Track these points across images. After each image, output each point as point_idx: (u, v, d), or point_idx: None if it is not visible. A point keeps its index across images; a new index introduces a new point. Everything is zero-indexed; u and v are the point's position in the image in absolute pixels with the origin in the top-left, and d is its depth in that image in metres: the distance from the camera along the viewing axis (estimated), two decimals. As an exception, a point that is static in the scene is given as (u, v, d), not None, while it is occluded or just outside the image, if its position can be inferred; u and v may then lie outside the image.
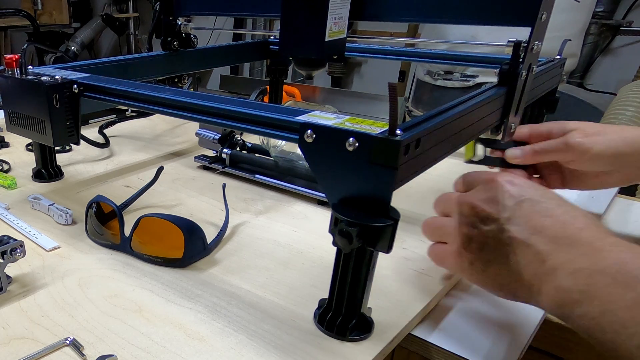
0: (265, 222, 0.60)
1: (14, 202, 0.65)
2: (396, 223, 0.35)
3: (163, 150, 0.86)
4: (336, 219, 0.36)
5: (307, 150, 0.38)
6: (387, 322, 0.42)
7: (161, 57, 0.77)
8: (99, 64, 0.71)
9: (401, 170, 0.34)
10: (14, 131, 0.66)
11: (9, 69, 0.61)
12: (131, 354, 0.39)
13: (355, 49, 0.86)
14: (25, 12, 2.98)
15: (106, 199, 0.54)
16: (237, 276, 0.49)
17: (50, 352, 0.39)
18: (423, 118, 0.39)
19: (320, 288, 0.47)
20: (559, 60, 0.70)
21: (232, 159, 0.74)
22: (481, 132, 0.50)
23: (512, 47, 0.51)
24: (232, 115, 0.45)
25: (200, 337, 0.41)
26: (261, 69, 3.25)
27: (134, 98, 0.53)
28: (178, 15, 0.77)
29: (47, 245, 0.54)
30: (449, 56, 0.78)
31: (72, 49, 3.41)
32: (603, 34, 2.12)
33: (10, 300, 0.45)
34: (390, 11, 0.58)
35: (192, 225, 0.50)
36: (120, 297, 0.46)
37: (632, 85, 1.53)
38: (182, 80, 0.83)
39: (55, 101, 0.58)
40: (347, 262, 0.38)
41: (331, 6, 0.55)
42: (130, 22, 3.62)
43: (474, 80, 1.76)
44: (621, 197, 0.72)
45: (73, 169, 0.77)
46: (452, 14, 0.54)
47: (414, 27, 2.48)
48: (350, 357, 0.39)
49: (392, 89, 0.33)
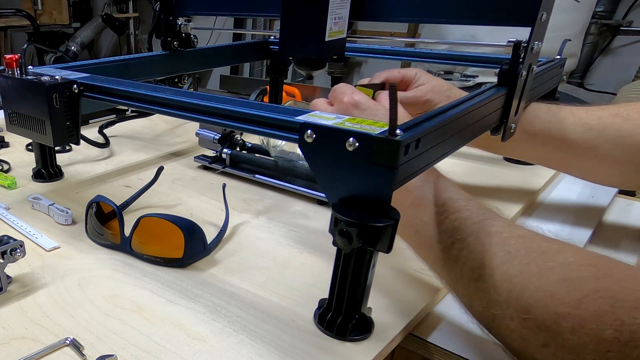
0: (265, 222, 0.60)
1: (14, 202, 0.65)
2: (396, 223, 0.35)
3: (163, 150, 0.86)
4: (336, 219, 0.36)
5: (307, 150, 0.38)
6: (387, 322, 0.42)
7: (161, 57, 0.77)
8: (99, 64, 0.71)
9: (401, 170, 0.34)
10: (14, 131, 0.66)
11: (9, 69, 0.61)
12: (131, 354, 0.39)
13: (355, 49, 0.86)
14: (25, 12, 2.98)
15: (106, 199, 0.54)
16: (237, 276, 0.49)
17: (50, 352, 0.39)
18: (423, 118, 0.39)
19: (320, 288, 0.47)
20: (559, 60, 0.70)
21: (232, 159, 0.74)
22: (481, 132, 0.50)
23: (512, 47, 0.51)
24: (232, 115, 0.45)
25: (200, 337, 0.41)
26: (261, 69, 3.25)
27: (134, 98, 0.53)
28: (178, 15, 0.77)
29: (47, 245, 0.54)
30: (449, 56, 0.78)
31: (72, 49, 3.41)
32: (603, 34, 2.12)
33: (10, 300, 0.45)
34: (390, 11, 0.58)
35: (192, 225, 0.50)
36: (120, 297, 0.46)
37: (632, 85, 1.53)
38: (182, 80, 0.83)
39: (55, 101, 0.58)
40: (347, 262, 0.38)
41: (331, 6, 0.55)
42: (130, 22, 3.62)
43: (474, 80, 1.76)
44: (621, 197, 0.72)
45: (73, 169, 0.77)
46: (452, 14, 0.54)
47: (414, 27, 2.48)
48: (350, 357, 0.39)
49: (392, 89, 0.33)
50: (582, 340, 0.31)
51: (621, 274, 0.33)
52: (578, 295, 0.32)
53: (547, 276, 0.34)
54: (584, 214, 0.65)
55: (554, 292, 0.33)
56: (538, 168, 0.77)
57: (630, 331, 0.29)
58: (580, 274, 0.33)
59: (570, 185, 0.74)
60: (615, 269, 0.33)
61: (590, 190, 0.72)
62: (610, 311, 0.30)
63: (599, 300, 0.31)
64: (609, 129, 0.56)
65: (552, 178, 0.75)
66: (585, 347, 0.31)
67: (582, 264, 0.34)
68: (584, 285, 0.32)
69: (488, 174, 0.75)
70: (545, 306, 0.33)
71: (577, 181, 0.75)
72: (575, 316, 0.31)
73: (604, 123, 0.57)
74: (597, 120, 0.57)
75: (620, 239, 0.62)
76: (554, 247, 0.36)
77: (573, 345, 0.31)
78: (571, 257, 0.35)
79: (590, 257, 0.35)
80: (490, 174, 0.75)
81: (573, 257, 0.35)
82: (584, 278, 0.33)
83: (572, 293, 0.32)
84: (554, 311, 0.32)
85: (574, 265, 0.34)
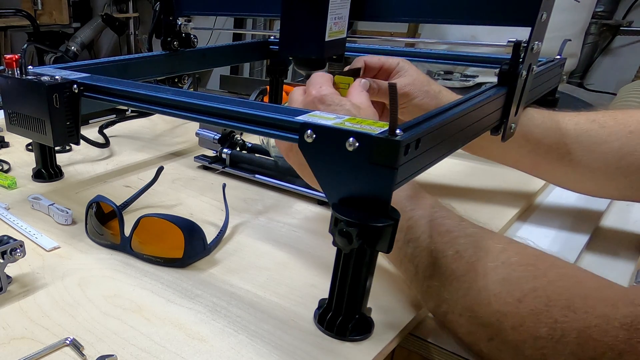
0: (265, 222, 0.60)
1: (14, 202, 0.65)
2: (396, 223, 0.35)
3: (163, 150, 0.86)
4: (336, 219, 0.36)
5: (307, 151, 0.38)
6: (387, 322, 0.42)
7: (161, 57, 0.77)
8: (99, 64, 0.71)
9: (401, 170, 0.34)
10: (14, 131, 0.66)
11: (9, 69, 0.61)
12: (131, 354, 0.39)
13: (355, 49, 0.86)
14: (25, 12, 2.98)
15: (106, 199, 0.54)
16: (237, 276, 0.49)
17: (50, 352, 0.39)
18: (423, 118, 0.39)
19: (320, 288, 0.47)
20: (559, 60, 0.70)
21: (232, 159, 0.74)
22: (481, 133, 0.50)
23: (512, 47, 0.51)
24: (232, 115, 0.45)
25: (200, 337, 0.41)
26: (261, 69, 3.25)
27: (134, 98, 0.53)
28: (178, 15, 0.77)
29: (47, 245, 0.54)
30: (449, 56, 0.78)
31: (72, 49, 3.41)
32: (603, 34, 2.12)
33: (10, 300, 0.45)
34: (390, 11, 0.58)
35: (192, 225, 0.50)
36: (120, 297, 0.46)
37: (632, 85, 1.53)
38: (182, 80, 0.83)
39: (55, 101, 0.58)
40: (347, 262, 0.38)
41: (331, 6, 0.55)
42: (130, 22, 3.62)
43: (474, 80, 1.76)
44: (621, 197, 0.72)
45: (73, 169, 0.77)
46: (452, 14, 0.54)
47: (414, 27, 2.48)
48: (350, 357, 0.39)
49: (392, 89, 0.33)
50: (522, 336, 0.34)
51: (556, 272, 0.35)
52: (517, 295, 0.34)
53: (491, 276, 0.36)
54: (584, 214, 0.65)
55: (496, 292, 0.35)
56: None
57: (562, 329, 0.32)
58: (520, 274, 0.35)
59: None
60: (552, 268, 0.36)
61: (590, 190, 0.72)
62: (545, 310, 0.33)
63: (535, 300, 0.34)
64: (585, 135, 0.56)
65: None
66: (524, 342, 0.34)
67: (522, 263, 0.36)
68: (523, 285, 0.35)
69: (488, 174, 0.75)
70: (489, 305, 0.35)
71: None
72: (515, 314, 0.34)
73: (580, 129, 0.56)
74: (573, 126, 0.57)
75: (620, 238, 0.62)
76: (498, 247, 0.38)
77: (514, 341, 0.34)
78: (513, 257, 0.37)
79: (530, 256, 0.37)
80: (490, 174, 0.75)
81: (515, 257, 0.37)
82: (523, 278, 0.35)
83: (513, 293, 0.35)
84: (496, 310, 0.35)
85: (515, 265, 0.36)
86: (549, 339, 0.32)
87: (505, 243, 0.39)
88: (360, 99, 0.48)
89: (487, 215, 0.62)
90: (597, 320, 0.31)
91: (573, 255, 0.56)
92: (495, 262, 0.37)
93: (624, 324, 0.30)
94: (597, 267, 0.56)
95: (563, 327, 0.32)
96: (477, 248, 0.38)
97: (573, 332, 0.32)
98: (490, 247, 0.38)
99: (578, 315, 0.32)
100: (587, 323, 0.31)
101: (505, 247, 0.38)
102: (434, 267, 0.40)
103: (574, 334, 0.31)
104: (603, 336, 0.30)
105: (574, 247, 0.58)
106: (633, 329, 0.30)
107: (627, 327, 0.30)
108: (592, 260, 0.57)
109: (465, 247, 0.39)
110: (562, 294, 0.33)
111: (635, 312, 0.30)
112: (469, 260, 0.38)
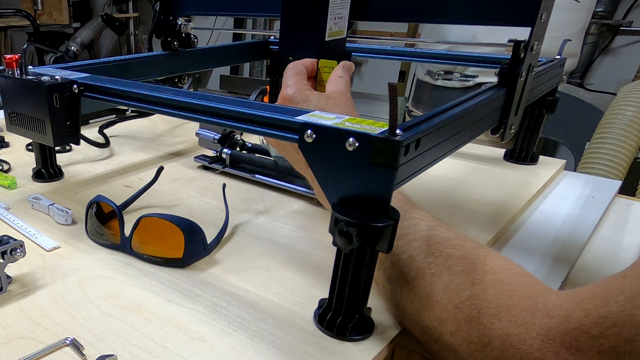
0: (265, 222, 0.60)
1: (14, 202, 0.65)
2: (396, 223, 0.35)
3: (163, 150, 0.86)
4: (336, 219, 0.36)
5: (307, 150, 0.38)
6: (387, 322, 0.42)
7: (161, 57, 0.77)
8: (99, 64, 0.71)
9: (401, 170, 0.34)
10: (14, 131, 0.66)
11: (9, 69, 0.61)
12: (131, 354, 0.39)
13: (355, 49, 0.86)
14: (25, 12, 2.98)
15: (106, 199, 0.54)
16: (237, 276, 0.49)
17: (50, 352, 0.39)
18: (423, 118, 0.39)
19: (320, 288, 0.47)
20: (559, 60, 0.70)
21: (232, 159, 0.74)
22: (481, 133, 0.50)
23: (512, 47, 0.51)
24: (232, 115, 0.45)
25: (200, 337, 0.41)
26: (261, 69, 3.25)
27: (134, 98, 0.53)
28: (178, 15, 0.77)
29: (47, 245, 0.54)
30: (449, 56, 0.78)
31: (72, 49, 3.41)
32: (603, 34, 2.12)
33: (10, 300, 0.45)
34: (390, 11, 0.58)
35: (192, 225, 0.50)
36: (120, 297, 0.46)
37: (632, 85, 1.53)
38: (182, 80, 0.83)
39: (55, 101, 0.58)
40: (347, 262, 0.38)
41: (331, 6, 0.55)
42: (130, 22, 3.62)
43: (474, 80, 1.76)
44: (621, 197, 0.72)
45: (73, 169, 0.77)
46: (452, 14, 0.54)
47: (414, 27, 2.48)
48: (350, 357, 0.39)
49: (392, 89, 0.33)
50: (458, 341, 0.36)
51: (491, 279, 0.37)
52: (456, 302, 0.36)
53: (435, 282, 0.38)
54: (584, 214, 0.65)
55: (438, 299, 0.37)
56: (538, 168, 0.77)
57: (489, 335, 0.34)
58: (460, 281, 0.37)
59: (571, 185, 0.74)
60: (488, 274, 0.37)
61: (590, 190, 0.72)
62: (477, 317, 0.35)
63: (470, 307, 0.36)
64: None
65: (552, 178, 0.75)
66: (460, 347, 0.36)
67: (464, 270, 0.38)
68: (461, 292, 0.37)
69: (488, 174, 0.75)
70: (432, 310, 0.38)
71: (577, 181, 0.75)
72: (453, 321, 0.36)
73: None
74: None
75: (619, 239, 0.62)
76: (445, 252, 0.39)
77: (452, 345, 0.37)
78: (457, 265, 0.38)
79: (470, 262, 0.38)
80: (489, 174, 0.75)
81: (459, 265, 0.38)
82: (462, 285, 0.37)
83: (452, 299, 0.37)
84: (437, 315, 0.37)
85: (457, 272, 0.38)
86: (479, 344, 0.35)
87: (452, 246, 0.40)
88: (337, 86, 0.48)
89: (487, 215, 0.61)
90: (518, 329, 0.33)
91: (573, 255, 0.56)
92: (440, 268, 0.38)
93: (540, 334, 0.32)
94: (597, 266, 0.56)
95: (490, 333, 0.34)
96: (427, 252, 0.40)
97: (497, 339, 0.34)
98: (439, 251, 0.39)
99: (502, 324, 0.34)
100: (509, 331, 0.33)
101: (450, 253, 0.39)
102: (392, 269, 0.41)
103: (498, 341, 0.34)
104: (521, 344, 0.32)
105: (574, 247, 0.58)
106: (546, 340, 0.31)
107: (542, 338, 0.32)
108: (591, 260, 0.57)
109: (418, 252, 0.40)
110: (492, 302, 0.35)
111: (550, 323, 0.32)
112: (419, 265, 0.39)
